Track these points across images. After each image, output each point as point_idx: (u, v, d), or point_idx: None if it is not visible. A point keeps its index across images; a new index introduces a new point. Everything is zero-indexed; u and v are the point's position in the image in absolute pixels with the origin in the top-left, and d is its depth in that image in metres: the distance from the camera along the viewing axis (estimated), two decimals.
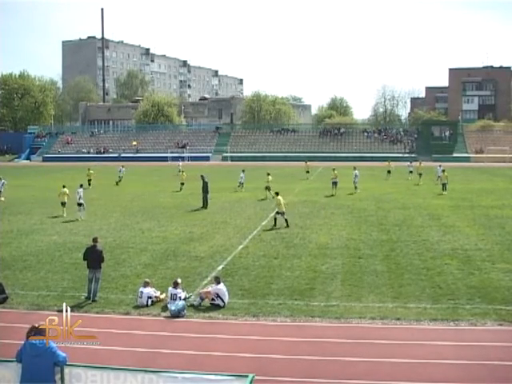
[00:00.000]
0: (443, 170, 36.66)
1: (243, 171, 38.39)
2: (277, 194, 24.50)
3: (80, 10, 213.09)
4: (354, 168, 37.39)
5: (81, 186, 27.22)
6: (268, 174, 35.18)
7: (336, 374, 9.69)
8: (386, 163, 47.93)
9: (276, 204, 23.91)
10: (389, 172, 46.17)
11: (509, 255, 17.99)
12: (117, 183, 43.10)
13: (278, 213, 23.47)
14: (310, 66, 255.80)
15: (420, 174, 42.49)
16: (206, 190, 29.94)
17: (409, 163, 48.58)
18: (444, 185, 35.05)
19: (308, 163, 49.17)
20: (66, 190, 26.90)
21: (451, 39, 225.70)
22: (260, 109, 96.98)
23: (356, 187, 35.86)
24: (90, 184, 40.08)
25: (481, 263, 16.92)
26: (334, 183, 34.78)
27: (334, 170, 35.70)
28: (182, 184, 37.77)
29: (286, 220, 23.25)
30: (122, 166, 45.95)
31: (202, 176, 31.16)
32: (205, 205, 29.39)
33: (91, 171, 41.53)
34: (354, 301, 13.48)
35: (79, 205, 25.95)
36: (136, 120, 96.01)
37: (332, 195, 33.93)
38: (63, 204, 26.66)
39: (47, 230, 23.21)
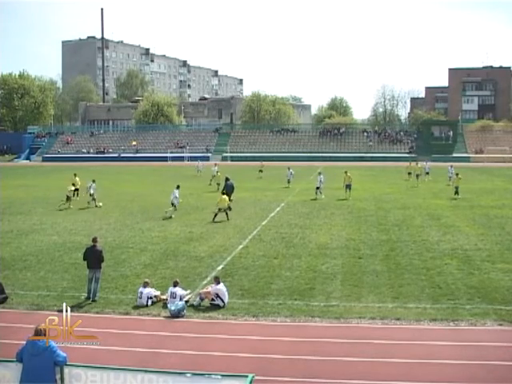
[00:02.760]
0: (457, 174, 34.73)
1: (289, 169, 40.70)
2: (223, 193, 26.74)
3: (80, 9, 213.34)
4: (320, 173, 34.33)
5: (178, 187, 27.66)
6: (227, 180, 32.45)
7: (336, 374, 9.69)
8: (413, 164, 44.73)
9: (219, 201, 25.37)
10: (417, 176, 42.15)
11: (509, 255, 18.00)
12: (210, 183, 41.79)
13: (222, 209, 25.11)
14: (310, 66, 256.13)
15: (418, 176, 41.63)
16: (231, 192, 29.13)
17: (425, 163, 47.09)
18: (457, 188, 33.10)
19: (263, 163, 50.05)
20: None
21: (451, 39, 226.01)
22: (260, 109, 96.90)
23: (321, 192, 33.08)
24: (74, 196, 31.50)
25: (481, 263, 16.93)
26: (348, 186, 32.85)
27: (346, 172, 33.70)
28: (218, 184, 37.02)
29: (215, 216, 24.95)
30: (215, 165, 44.72)
31: (226, 177, 30.72)
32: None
33: (77, 178, 33.33)
34: (353, 301, 13.49)
35: (172, 204, 26.64)
36: (136, 120, 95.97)
37: (345, 199, 31.98)
38: None
39: (47, 229, 23.20)
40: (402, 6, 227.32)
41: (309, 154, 76.88)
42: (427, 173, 44.90)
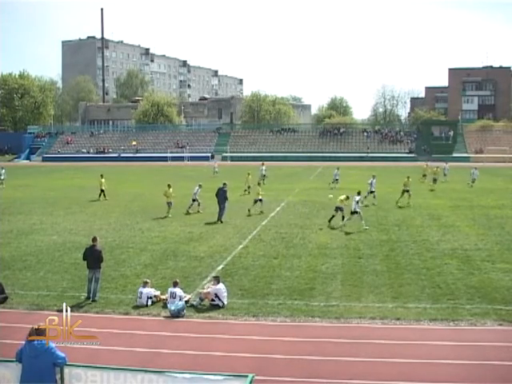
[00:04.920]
0: None
1: (338, 169, 40.30)
2: (347, 197, 23.94)
3: (80, 9, 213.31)
4: (374, 176, 32.22)
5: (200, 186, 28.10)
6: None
7: (336, 374, 9.69)
8: (429, 166, 42.31)
9: (340, 200, 23.76)
10: (434, 180, 39.55)
11: (509, 255, 18.00)
12: (261, 183, 41.98)
13: (337, 209, 23.61)
14: (309, 66, 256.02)
15: (435, 180, 39.78)
16: (223, 201, 25.00)
17: (444, 164, 46.06)
18: None
19: (264, 163, 49.54)
20: None
21: (451, 39, 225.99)
22: (260, 109, 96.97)
23: (375, 197, 31.03)
24: (102, 195, 32.73)
25: (481, 263, 16.93)
26: (406, 191, 30.32)
27: (408, 178, 30.96)
28: (249, 187, 35.63)
29: (342, 217, 23.36)
30: (262, 164, 44.24)
31: (224, 183, 26.22)
32: (219, 217, 24.79)
33: (103, 179, 33.28)
34: (353, 301, 13.48)
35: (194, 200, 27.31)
36: (136, 120, 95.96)
37: (402, 207, 29.35)
38: None
39: (47, 229, 23.19)
40: (401, 6, 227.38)
41: (309, 154, 76.88)
42: (445, 174, 44.17)
